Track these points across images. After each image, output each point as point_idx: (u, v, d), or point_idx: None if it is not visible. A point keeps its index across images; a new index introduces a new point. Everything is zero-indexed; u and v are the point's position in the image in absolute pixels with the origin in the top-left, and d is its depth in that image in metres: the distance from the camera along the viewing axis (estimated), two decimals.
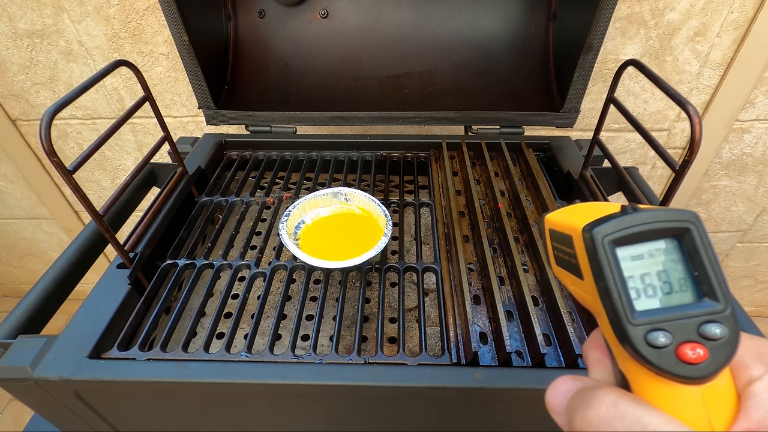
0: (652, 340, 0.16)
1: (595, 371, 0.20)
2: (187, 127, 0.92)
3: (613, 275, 0.17)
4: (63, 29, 0.79)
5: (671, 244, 0.18)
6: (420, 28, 0.69)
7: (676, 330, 0.16)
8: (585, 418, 0.17)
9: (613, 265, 0.17)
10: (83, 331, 0.38)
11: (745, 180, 0.94)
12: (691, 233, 0.17)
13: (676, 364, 0.16)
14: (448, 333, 0.39)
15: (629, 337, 0.16)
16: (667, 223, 0.17)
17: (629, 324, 0.17)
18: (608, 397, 0.17)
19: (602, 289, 0.17)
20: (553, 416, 0.20)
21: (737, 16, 0.71)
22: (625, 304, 0.17)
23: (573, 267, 0.19)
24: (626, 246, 0.17)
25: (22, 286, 1.38)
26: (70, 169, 0.37)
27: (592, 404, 0.17)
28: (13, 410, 1.17)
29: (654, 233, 0.17)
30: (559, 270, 0.21)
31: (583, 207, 0.20)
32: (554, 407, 0.20)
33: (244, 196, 0.57)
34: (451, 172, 0.58)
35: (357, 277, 0.47)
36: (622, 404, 0.16)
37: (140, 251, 0.46)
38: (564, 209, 0.21)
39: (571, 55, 0.59)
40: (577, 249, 0.18)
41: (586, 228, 0.18)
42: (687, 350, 0.16)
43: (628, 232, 0.17)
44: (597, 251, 0.17)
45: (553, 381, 0.20)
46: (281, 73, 0.72)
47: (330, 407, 0.39)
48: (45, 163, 1.01)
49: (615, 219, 0.17)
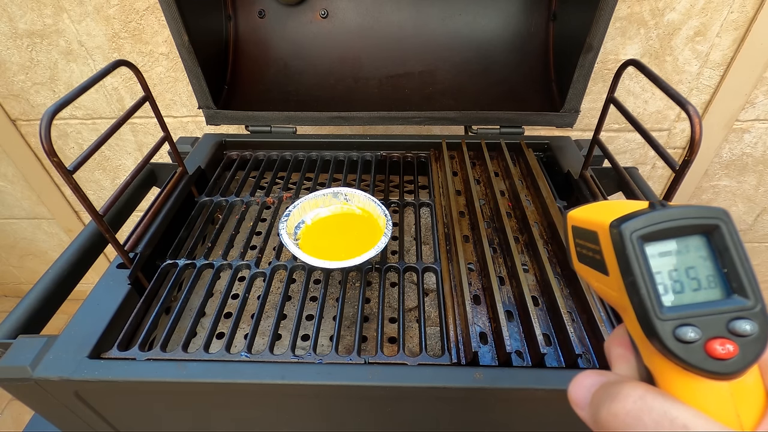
0: (680, 335, 0.16)
1: (619, 367, 0.20)
2: (187, 127, 0.92)
3: (641, 270, 0.17)
4: (63, 29, 0.79)
5: (700, 241, 0.18)
6: (420, 28, 0.69)
7: (705, 325, 0.16)
8: (611, 411, 0.17)
9: (641, 260, 0.17)
10: (83, 331, 0.38)
11: (745, 180, 0.94)
12: (720, 230, 0.17)
13: (705, 360, 0.16)
14: (448, 333, 0.39)
15: (657, 331, 0.17)
16: (696, 220, 0.17)
17: (657, 319, 0.17)
18: (635, 391, 0.17)
19: (630, 284, 0.17)
20: (576, 410, 0.20)
21: (737, 16, 0.71)
22: (653, 299, 0.17)
23: (597, 263, 0.19)
24: (654, 242, 0.17)
25: (22, 286, 1.38)
26: (70, 169, 0.37)
27: (618, 397, 0.17)
28: (13, 410, 1.17)
29: (682, 230, 0.17)
30: (581, 267, 0.21)
31: (608, 204, 0.20)
32: (577, 401, 0.20)
33: (244, 196, 0.57)
34: (451, 172, 0.58)
35: (357, 277, 0.47)
36: (649, 398, 0.16)
37: (140, 251, 0.46)
38: (587, 206, 0.21)
39: (571, 55, 0.59)
40: (603, 245, 0.18)
41: (614, 224, 0.18)
42: (716, 346, 0.16)
43: (657, 228, 0.17)
44: (625, 247, 0.17)
45: (575, 376, 0.20)
46: (281, 73, 0.72)
47: (330, 407, 0.39)
48: (45, 163, 1.01)
49: (643, 215, 0.17)
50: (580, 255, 0.21)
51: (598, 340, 0.37)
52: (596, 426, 0.18)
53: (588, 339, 0.39)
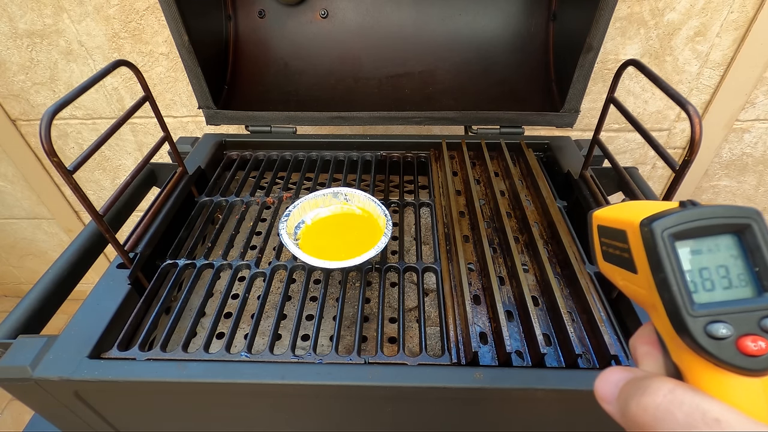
0: (712, 332, 0.16)
1: (645, 364, 0.20)
2: (187, 127, 0.92)
3: (673, 267, 0.17)
4: (63, 29, 0.79)
5: (731, 240, 0.18)
6: (420, 28, 0.69)
7: (736, 322, 0.17)
8: (641, 404, 0.17)
9: (672, 257, 0.17)
10: (83, 331, 0.38)
11: (745, 180, 0.94)
12: (752, 229, 0.17)
13: (737, 356, 0.16)
14: (448, 333, 0.39)
15: (688, 328, 0.17)
16: (727, 219, 0.17)
17: (689, 315, 0.17)
18: (665, 385, 0.17)
19: (661, 281, 0.17)
20: (603, 405, 0.20)
21: (737, 16, 0.71)
22: (685, 296, 0.17)
23: (625, 261, 0.19)
24: (685, 240, 0.18)
25: (22, 286, 1.38)
26: (70, 169, 0.37)
27: (648, 391, 0.17)
28: (13, 410, 1.17)
29: (713, 228, 0.18)
30: (606, 265, 0.21)
31: (635, 204, 0.20)
32: (604, 396, 0.20)
33: (244, 196, 0.57)
34: (451, 172, 0.58)
35: (357, 277, 0.47)
36: (680, 392, 0.17)
37: (140, 251, 0.46)
38: (613, 206, 0.21)
39: (571, 55, 0.59)
40: (631, 243, 0.19)
41: (645, 222, 0.18)
42: (748, 342, 0.16)
43: (688, 226, 0.17)
44: (656, 244, 0.17)
45: (601, 372, 0.20)
46: (281, 73, 0.72)
47: (330, 407, 0.39)
48: (45, 163, 1.01)
49: (675, 213, 0.17)
50: (606, 254, 0.21)
51: (598, 340, 0.37)
52: (624, 420, 0.18)
53: (588, 339, 0.39)
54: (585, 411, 0.38)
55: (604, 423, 0.38)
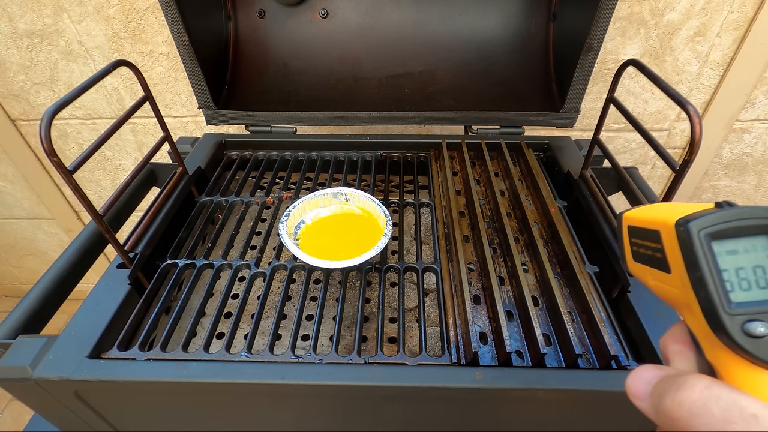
0: (750, 330, 0.17)
1: (678, 362, 0.20)
2: (187, 127, 0.92)
3: (709, 266, 0.17)
4: (63, 29, 0.79)
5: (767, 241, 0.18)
6: (420, 28, 0.69)
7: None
8: (677, 400, 0.17)
9: (709, 257, 0.17)
10: (83, 331, 0.38)
11: (745, 180, 0.94)
12: None
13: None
14: (448, 333, 0.39)
15: (725, 326, 0.17)
16: (764, 220, 0.17)
17: (725, 314, 0.17)
18: (701, 381, 0.17)
19: (697, 280, 0.18)
20: (635, 402, 0.20)
21: (737, 16, 0.71)
22: (722, 295, 0.17)
23: (658, 261, 0.20)
24: (722, 240, 0.18)
25: (22, 286, 1.38)
26: (70, 169, 0.37)
27: (683, 387, 0.17)
28: (13, 410, 1.17)
29: (750, 229, 0.18)
30: (637, 266, 0.21)
31: (668, 205, 0.20)
32: (637, 393, 0.20)
33: (244, 196, 0.57)
34: (451, 172, 0.58)
35: (357, 277, 0.47)
36: (716, 388, 0.17)
37: (140, 251, 0.46)
38: (644, 207, 0.22)
39: (571, 55, 0.59)
40: (665, 243, 0.19)
41: (681, 222, 0.18)
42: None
43: (725, 227, 0.17)
44: (693, 244, 0.17)
45: (633, 369, 0.20)
46: (281, 73, 0.72)
47: (330, 407, 0.39)
48: (45, 163, 1.01)
49: (711, 214, 0.18)
50: (637, 254, 0.21)
51: (598, 340, 0.37)
52: (658, 416, 0.18)
53: (588, 339, 0.39)
54: (585, 411, 0.38)
55: (605, 423, 0.38)
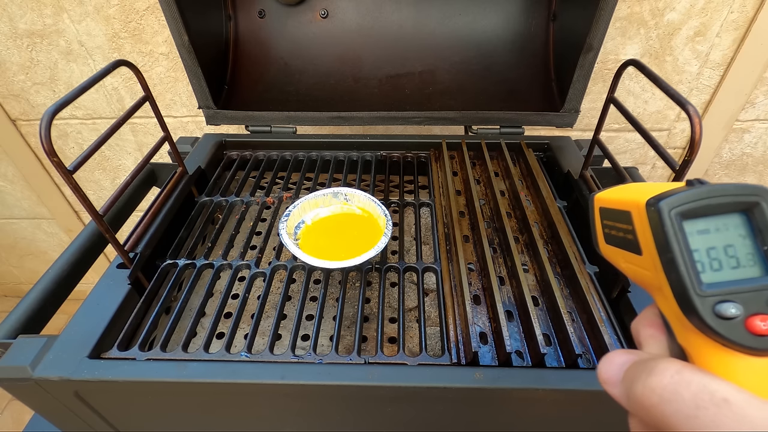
0: (721, 312, 0.16)
1: (649, 347, 0.20)
2: (187, 127, 0.92)
3: (680, 247, 0.17)
4: (63, 29, 0.79)
5: (739, 219, 0.17)
6: (420, 28, 0.69)
7: (745, 302, 0.16)
8: (648, 385, 0.17)
9: (680, 237, 0.17)
10: (83, 331, 0.38)
11: (745, 180, 0.94)
12: (761, 207, 0.17)
13: (745, 336, 0.16)
14: (448, 333, 0.39)
15: (696, 308, 0.16)
16: (735, 197, 0.17)
17: (696, 295, 0.16)
18: (672, 366, 0.17)
19: (668, 261, 0.17)
20: (606, 388, 0.19)
21: (737, 16, 0.71)
22: (693, 276, 0.17)
23: (629, 243, 0.19)
24: (693, 220, 0.17)
25: (22, 286, 1.38)
26: (70, 169, 0.37)
27: (654, 372, 0.17)
28: (13, 410, 1.17)
29: (721, 207, 0.17)
30: (609, 248, 0.21)
31: (637, 185, 0.20)
32: (608, 379, 0.19)
33: (244, 196, 0.57)
34: (451, 172, 0.58)
35: (357, 277, 0.47)
36: (687, 372, 0.16)
37: (140, 251, 0.46)
38: (616, 188, 0.21)
39: (571, 55, 0.59)
40: (636, 224, 0.18)
41: (651, 201, 0.17)
42: (757, 322, 0.16)
43: (696, 205, 0.17)
44: (664, 224, 0.17)
45: (605, 355, 0.20)
46: (281, 73, 0.72)
47: (330, 407, 0.39)
48: (45, 163, 1.01)
49: (682, 192, 0.17)
50: (608, 236, 0.21)
51: (598, 340, 0.37)
52: (629, 402, 0.18)
53: (588, 339, 0.39)
54: (585, 411, 0.38)
55: (605, 423, 0.38)
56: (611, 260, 0.21)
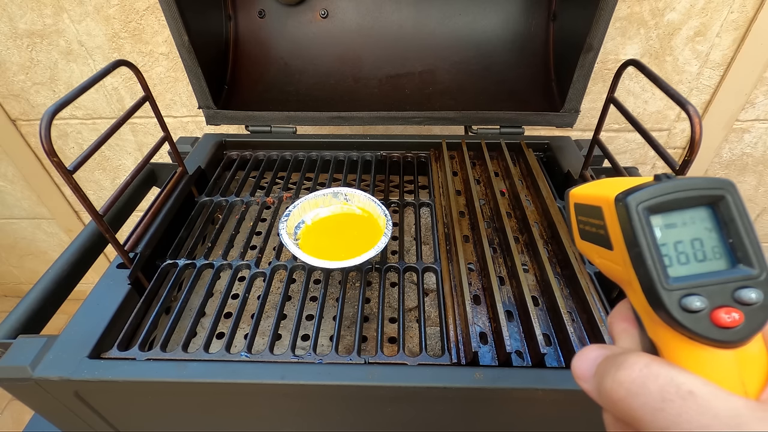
0: (686, 305, 0.16)
1: (622, 341, 0.20)
2: (187, 127, 0.92)
3: (647, 242, 0.17)
4: (63, 29, 0.79)
5: (705, 213, 0.18)
6: (420, 28, 0.69)
7: (710, 295, 0.17)
8: (617, 379, 0.17)
9: (647, 231, 0.17)
10: (83, 331, 0.38)
11: (745, 180, 0.94)
12: (726, 201, 0.17)
13: (711, 328, 0.16)
14: (448, 333, 0.39)
15: (663, 302, 0.17)
16: (702, 191, 0.17)
17: (663, 289, 0.17)
18: (640, 359, 0.17)
19: (636, 255, 0.17)
20: (580, 383, 0.20)
21: (737, 16, 0.71)
22: (659, 270, 0.17)
23: (601, 238, 0.19)
24: (660, 214, 0.17)
25: (22, 286, 1.38)
26: (70, 169, 0.37)
27: (623, 366, 0.17)
28: (13, 410, 1.17)
29: (688, 201, 0.17)
30: (584, 244, 0.21)
31: (611, 180, 0.20)
32: (581, 374, 0.20)
33: (244, 196, 0.57)
34: (451, 172, 0.58)
35: (357, 277, 0.47)
36: (655, 366, 0.16)
37: (140, 251, 0.46)
38: (590, 183, 0.21)
39: (571, 55, 0.59)
40: (607, 219, 0.18)
41: (620, 196, 0.18)
42: (722, 314, 0.16)
43: (663, 199, 0.17)
44: (631, 218, 0.17)
45: (579, 351, 0.20)
46: (281, 73, 0.72)
47: (330, 407, 0.39)
48: (45, 163, 1.01)
49: (649, 187, 0.17)
50: (583, 232, 0.21)
51: (598, 340, 0.37)
52: (600, 397, 0.18)
53: (588, 339, 0.39)
54: (585, 411, 0.38)
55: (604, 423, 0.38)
56: (587, 255, 0.21)
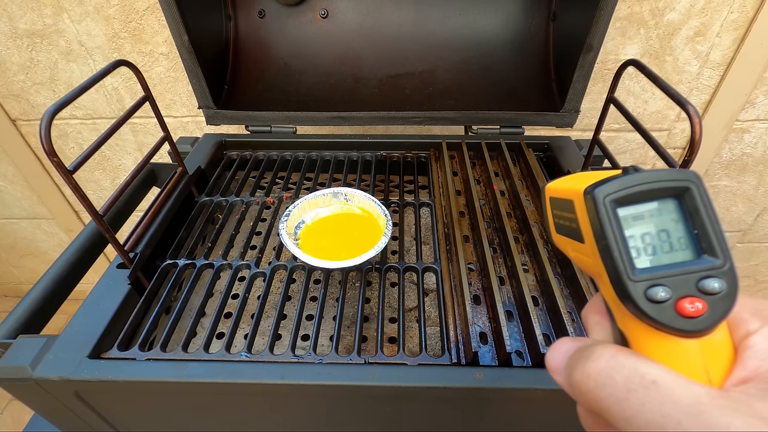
0: (652, 296, 0.17)
1: (595, 333, 0.20)
2: (187, 127, 0.92)
3: (615, 234, 0.17)
4: (63, 29, 0.79)
5: (672, 204, 0.18)
6: (420, 28, 0.69)
7: (675, 285, 0.17)
8: (584, 371, 0.17)
9: (614, 223, 0.17)
10: (83, 331, 0.38)
11: (745, 180, 0.94)
12: (691, 192, 0.17)
13: (676, 318, 0.17)
14: (448, 333, 0.39)
15: (630, 293, 0.17)
16: (667, 183, 0.17)
17: (630, 281, 0.17)
18: (607, 351, 0.17)
19: (603, 248, 0.17)
20: (553, 376, 0.20)
21: (737, 16, 0.71)
22: (626, 262, 0.17)
23: (573, 232, 0.19)
24: (627, 206, 0.18)
25: (22, 286, 1.38)
26: (70, 169, 0.37)
27: (591, 357, 0.17)
28: (13, 410, 1.17)
29: (654, 193, 0.18)
30: (559, 237, 0.21)
31: (584, 174, 0.20)
32: (554, 367, 0.20)
33: (244, 196, 0.57)
34: (451, 172, 0.58)
35: (357, 277, 0.47)
36: (621, 356, 0.17)
37: (140, 251, 0.46)
38: (564, 177, 0.21)
39: (571, 55, 0.59)
40: (578, 212, 0.19)
41: (588, 189, 0.18)
42: (686, 304, 0.16)
43: (629, 191, 0.17)
44: (598, 211, 0.17)
45: (552, 344, 0.20)
46: (281, 73, 0.72)
47: (330, 407, 0.39)
48: (45, 163, 1.01)
49: (616, 179, 0.17)
50: (558, 226, 0.21)
51: None
52: (571, 388, 0.18)
53: None
54: None
55: None
56: (562, 249, 0.21)
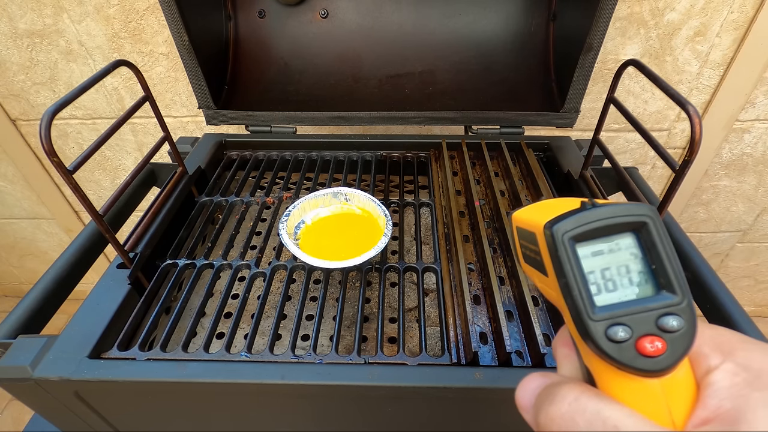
0: (612, 335, 0.16)
1: (564, 367, 0.20)
2: (187, 127, 0.92)
3: (574, 272, 0.17)
4: (63, 29, 0.79)
5: (630, 239, 0.18)
6: (420, 28, 0.69)
7: (635, 324, 0.16)
8: (548, 414, 0.17)
9: (573, 261, 0.17)
10: (83, 331, 0.38)
11: (745, 180, 0.94)
12: (648, 227, 0.17)
13: (636, 358, 0.16)
14: (448, 333, 0.39)
15: (590, 332, 0.17)
16: (624, 218, 0.17)
17: (590, 320, 0.17)
18: (571, 393, 0.17)
19: (563, 285, 0.17)
20: (522, 414, 0.20)
21: (737, 16, 0.71)
22: (586, 300, 0.17)
23: (538, 264, 0.19)
24: (586, 242, 0.17)
25: (22, 286, 1.38)
26: (70, 169, 0.37)
27: (555, 400, 0.17)
28: (13, 410, 1.17)
29: (612, 228, 0.17)
30: (527, 267, 0.21)
31: (548, 204, 0.20)
32: (523, 405, 0.19)
33: (244, 196, 0.57)
34: (451, 172, 0.58)
35: (357, 277, 0.47)
36: (584, 399, 0.17)
37: (140, 251, 0.46)
38: (530, 206, 0.21)
39: (571, 55, 0.59)
40: (540, 246, 0.18)
41: (547, 225, 0.17)
42: (646, 344, 0.16)
43: (587, 228, 0.17)
44: (557, 248, 0.17)
45: (522, 379, 0.20)
46: (281, 73, 0.72)
47: (330, 407, 0.39)
48: (45, 163, 1.01)
49: (574, 215, 0.17)
50: (525, 255, 0.21)
51: None
52: (538, 429, 0.18)
53: None
54: None
55: None
56: (531, 279, 0.21)
